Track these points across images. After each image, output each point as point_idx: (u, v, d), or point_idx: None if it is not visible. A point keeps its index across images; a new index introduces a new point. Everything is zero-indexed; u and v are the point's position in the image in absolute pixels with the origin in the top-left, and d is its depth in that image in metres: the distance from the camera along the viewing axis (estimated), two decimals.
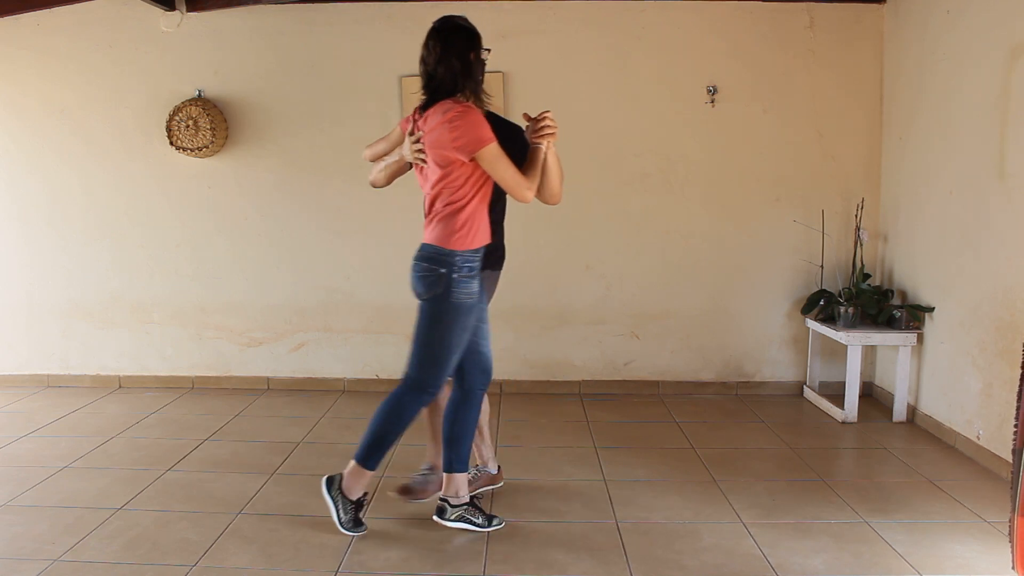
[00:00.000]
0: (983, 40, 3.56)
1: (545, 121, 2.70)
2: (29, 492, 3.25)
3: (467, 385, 2.86)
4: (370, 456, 2.78)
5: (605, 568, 2.62)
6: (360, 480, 2.80)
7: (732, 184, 4.64)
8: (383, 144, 2.90)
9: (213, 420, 4.26)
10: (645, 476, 3.44)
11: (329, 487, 2.80)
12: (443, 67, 2.62)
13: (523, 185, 2.64)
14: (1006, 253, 3.39)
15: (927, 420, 4.04)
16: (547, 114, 2.71)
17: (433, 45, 2.64)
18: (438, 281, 2.65)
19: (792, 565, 2.62)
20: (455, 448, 2.84)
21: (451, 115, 2.57)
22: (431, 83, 2.66)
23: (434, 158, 2.63)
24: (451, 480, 2.85)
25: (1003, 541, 2.74)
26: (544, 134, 2.70)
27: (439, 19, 2.70)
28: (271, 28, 4.68)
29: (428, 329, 2.73)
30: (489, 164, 2.59)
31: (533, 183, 2.68)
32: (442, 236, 2.65)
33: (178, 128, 4.59)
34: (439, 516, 2.84)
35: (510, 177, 2.62)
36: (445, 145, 2.58)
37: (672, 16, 4.55)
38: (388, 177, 2.90)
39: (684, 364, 4.79)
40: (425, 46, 2.66)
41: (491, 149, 2.57)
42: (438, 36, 2.64)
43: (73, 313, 4.95)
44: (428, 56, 2.65)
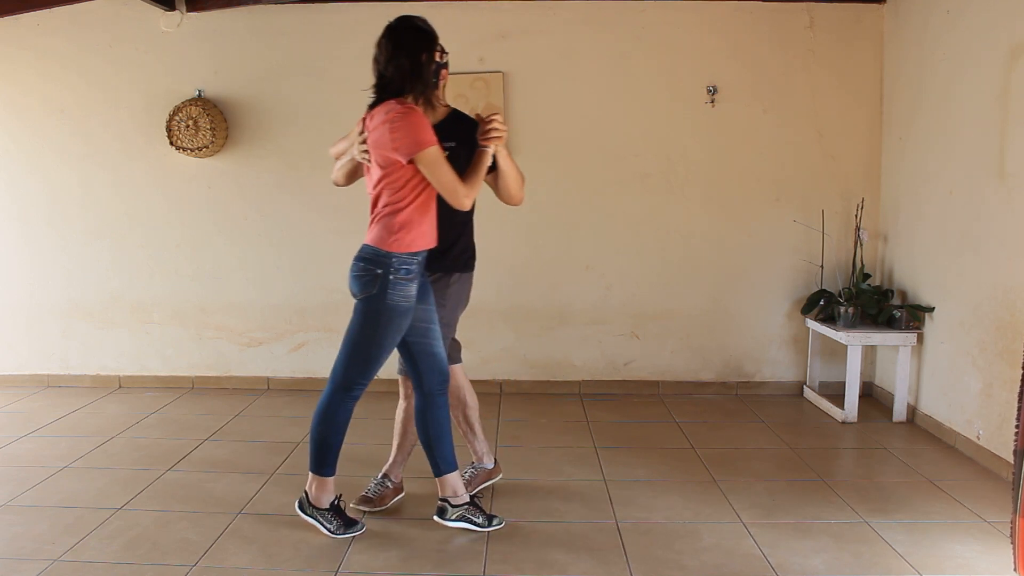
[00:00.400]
0: (983, 40, 3.56)
1: (493, 124, 2.67)
2: (29, 492, 3.25)
3: (426, 389, 2.82)
4: (321, 464, 2.79)
5: (605, 568, 2.62)
6: (324, 488, 2.81)
7: (732, 184, 4.64)
8: (344, 142, 2.85)
9: (213, 420, 4.26)
10: (645, 476, 3.44)
11: (303, 509, 2.82)
12: (393, 66, 2.60)
13: (460, 192, 2.59)
14: (1006, 253, 3.39)
15: (927, 420, 4.04)
16: (495, 116, 2.69)
17: (385, 44, 2.62)
18: (373, 282, 2.64)
19: (792, 565, 2.62)
20: (436, 451, 2.83)
21: (392, 116, 2.55)
22: (380, 82, 2.65)
23: (375, 158, 2.61)
24: (444, 482, 2.85)
25: (1003, 541, 2.74)
26: (491, 137, 2.67)
27: (396, 18, 2.67)
28: (271, 28, 4.68)
29: (360, 329, 2.71)
30: (427, 168, 2.57)
31: (472, 189, 2.63)
32: (380, 237, 2.64)
33: (178, 128, 4.59)
34: (440, 516, 2.84)
35: (447, 182, 2.59)
36: (385, 146, 2.56)
37: (672, 16, 4.55)
38: (346, 176, 2.88)
39: (684, 364, 4.79)
40: (378, 45, 2.64)
41: (430, 153, 2.54)
42: (391, 35, 2.63)
43: (73, 313, 4.95)
44: (379, 55, 2.63)
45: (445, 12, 4.55)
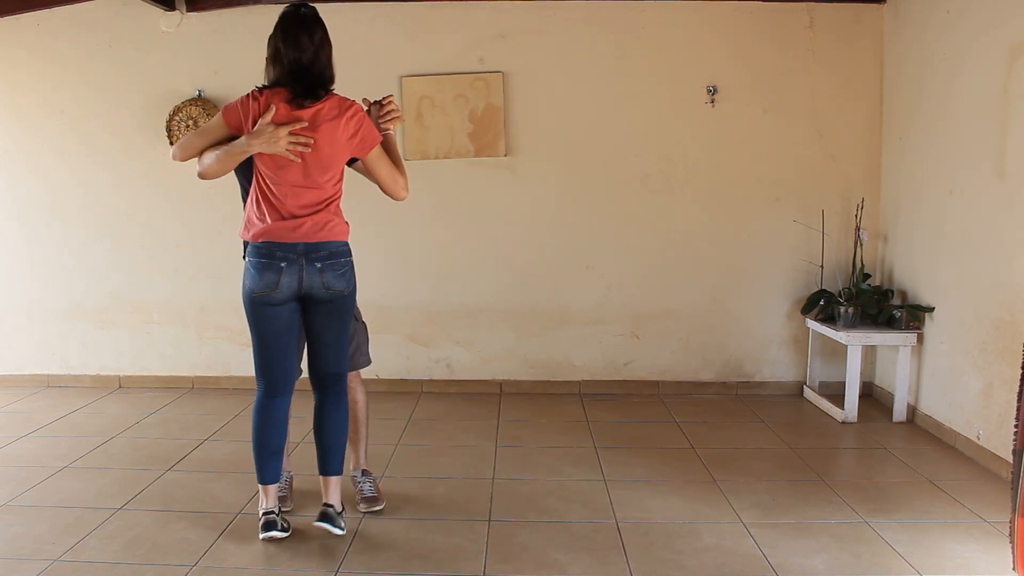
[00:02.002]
0: (983, 40, 3.56)
1: (391, 105, 2.71)
2: (29, 492, 3.25)
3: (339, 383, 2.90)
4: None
5: (605, 568, 2.62)
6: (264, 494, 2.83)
7: (732, 184, 4.64)
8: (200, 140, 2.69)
9: (213, 420, 4.26)
10: (645, 476, 3.44)
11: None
12: (322, 58, 2.56)
13: (400, 185, 2.70)
14: (1006, 253, 3.39)
15: (927, 420, 4.04)
16: (391, 97, 2.74)
17: (314, 32, 2.56)
18: (352, 272, 2.75)
19: (792, 565, 2.62)
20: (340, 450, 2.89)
21: (351, 112, 2.55)
22: (307, 75, 2.52)
23: (326, 155, 2.54)
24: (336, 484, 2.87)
25: (1003, 541, 2.74)
26: (393, 118, 2.71)
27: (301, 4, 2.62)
28: (271, 28, 4.64)
29: (349, 321, 2.82)
30: (377, 160, 2.63)
31: (406, 179, 2.72)
32: (342, 231, 2.69)
33: (178, 128, 4.59)
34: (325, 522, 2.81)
35: (388, 175, 2.66)
36: (341, 142, 2.54)
37: (672, 16, 4.55)
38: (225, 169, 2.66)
39: (684, 364, 4.78)
40: (304, 32, 2.54)
41: (380, 148, 2.63)
42: (317, 23, 2.58)
43: (73, 313, 4.95)
44: (308, 44, 2.53)
45: (445, 12, 4.57)
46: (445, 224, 4.75)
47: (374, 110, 2.71)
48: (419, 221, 4.68)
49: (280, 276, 2.61)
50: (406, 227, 4.71)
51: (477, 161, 4.66)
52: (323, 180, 2.59)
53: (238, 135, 2.57)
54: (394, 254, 4.78)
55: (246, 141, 2.53)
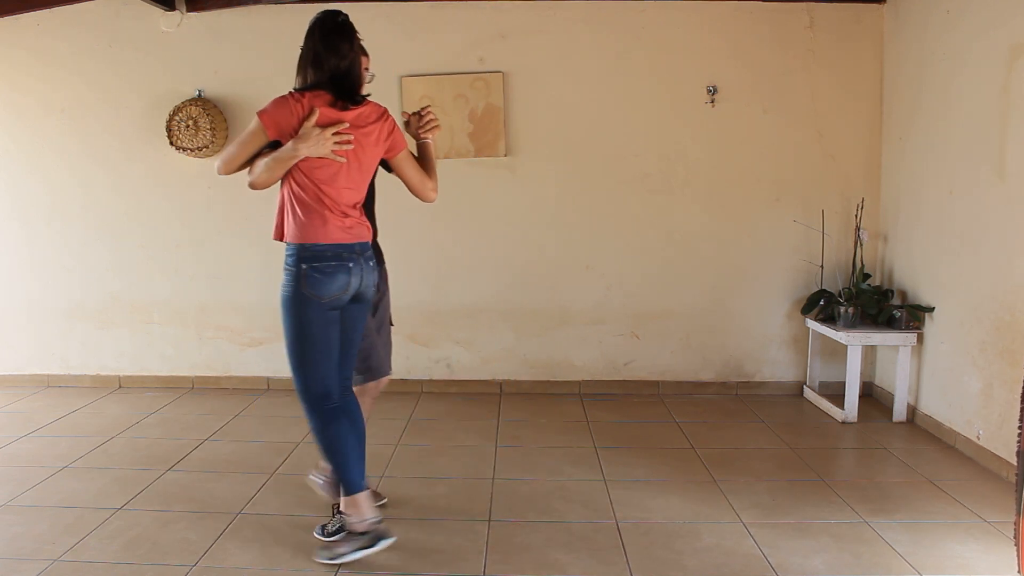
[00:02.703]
0: (983, 40, 3.56)
1: (430, 115, 2.78)
2: (29, 492, 3.25)
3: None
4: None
5: (605, 568, 2.62)
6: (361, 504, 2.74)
7: (732, 184, 4.64)
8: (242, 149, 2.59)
9: (213, 420, 4.26)
10: (645, 476, 3.44)
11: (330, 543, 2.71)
12: (359, 63, 2.63)
13: (429, 186, 2.74)
14: (1006, 253, 3.39)
15: (927, 420, 4.04)
16: (430, 108, 2.81)
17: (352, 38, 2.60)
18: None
19: (792, 565, 2.62)
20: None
21: (387, 115, 2.64)
22: (346, 80, 2.56)
23: (371, 155, 2.61)
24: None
25: (1003, 541, 2.75)
26: (432, 127, 2.78)
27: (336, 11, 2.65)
28: (271, 28, 4.68)
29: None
30: (405, 163, 2.69)
31: (435, 181, 2.76)
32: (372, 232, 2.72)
33: (178, 128, 4.59)
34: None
35: (416, 177, 2.71)
36: (380, 143, 2.61)
37: (672, 16, 4.55)
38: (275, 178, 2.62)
39: (684, 364, 4.78)
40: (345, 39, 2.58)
41: (406, 151, 2.69)
42: (355, 32, 2.64)
43: (73, 313, 4.96)
44: (349, 50, 2.57)
45: (445, 12, 4.57)
46: (445, 224, 4.75)
47: (413, 120, 2.79)
48: (419, 221, 4.67)
49: (350, 277, 2.61)
50: (406, 227, 4.71)
51: (477, 161, 4.66)
52: (362, 181, 2.64)
53: (279, 139, 2.54)
54: (394, 254, 4.72)
55: (293, 146, 2.49)
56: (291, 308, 2.60)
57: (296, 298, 2.58)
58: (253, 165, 2.60)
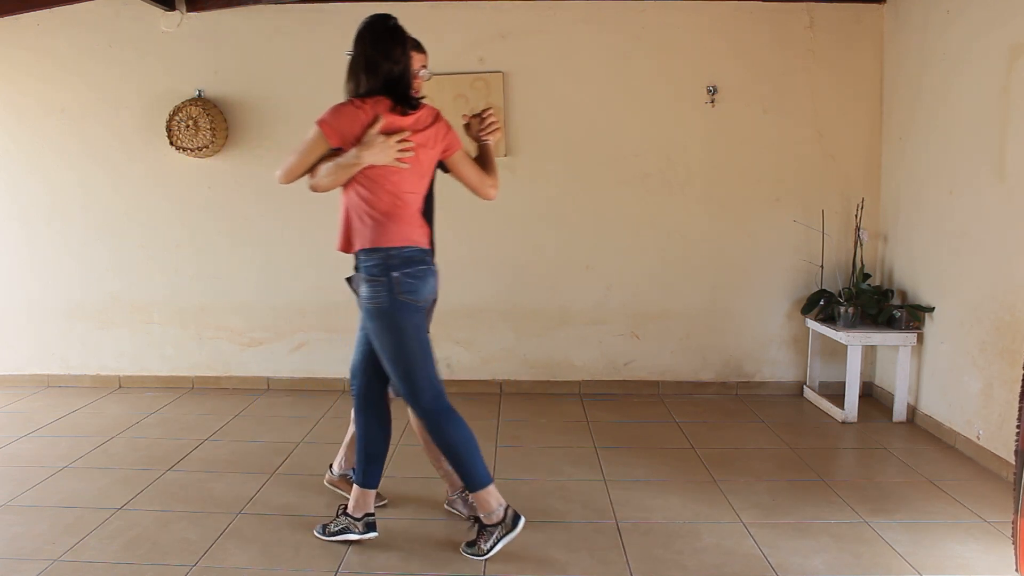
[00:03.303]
0: (983, 40, 3.56)
1: (492, 117, 2.77)
2: (29, 492, 3.26)
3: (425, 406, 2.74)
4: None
5: (605, 568, 2.62)
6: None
7: (732, 184, 4.64)
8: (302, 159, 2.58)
9: (213, 420, 4.26)
10: (645, 476, 3.44)
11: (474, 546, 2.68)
12: (408, 69, 2.60)
13: (487, 182, 2.73)
14: (1006, 253, 3.39)
15: (927, 420, 4.04)
16: (491, 110, 2.79)
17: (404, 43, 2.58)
18: None
19: (792, 565, 2.62)
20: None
21: (441, 117, 2.64)
22: (400, 84, 2.54)
23: (431, 158, 2.62)
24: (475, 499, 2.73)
25: (1003, 541, 2.75)
26: (493, 130, 2.76)
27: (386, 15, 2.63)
28: (271, 28, 4.68)
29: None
30: (461, 163, 2.68)
31: (495, 179, 2.75)
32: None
33: (178, 128, 4.59)
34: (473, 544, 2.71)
35: (476, 174, 2.71)
36: (436, 146, 2.61)
37: (672, 16, 4.55)
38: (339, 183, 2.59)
39: (684, 364, 4.78)
40: (398, 44, 2.56)
41: (462, 152, 2.68)
42: (405, 34, 2.61)
43: (73, 313, 4.95)
44: (401, 55, 2.55)
45: (445, 12, 4.57)
46: (445, 224, 4.67)
47: (474, 123, 2.78)
48: None
49: (436, 279, 2.69)
50: None
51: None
52: (422, 186, 2.62)
53: (342, 147, 2.53)
54: None
55: (357, 154, 2.48)
56: (390, 317, 2.55)
57: (394, 306, 2.54)
58: (316, 169, 2.59)
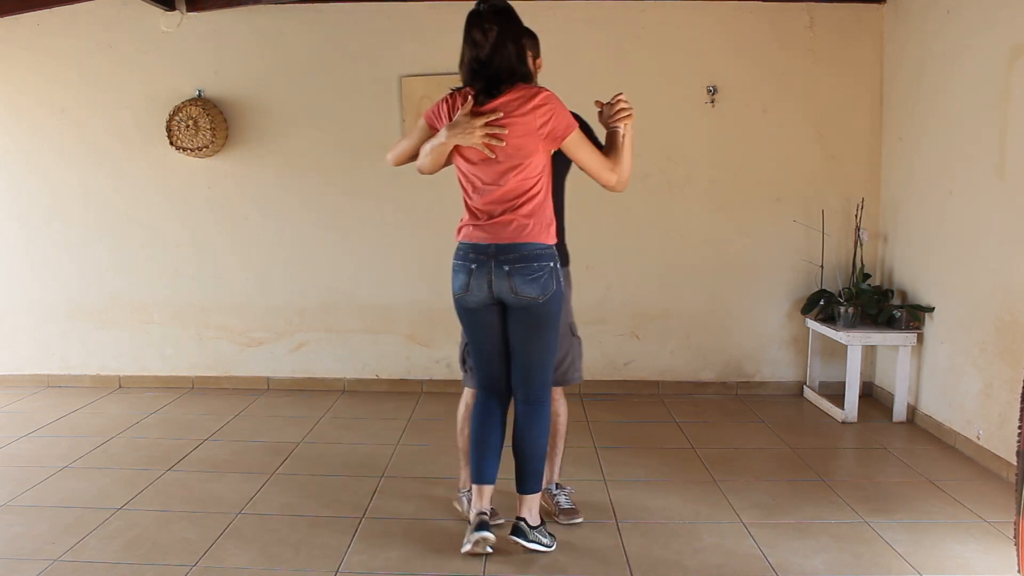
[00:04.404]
0: (983, 40, 3.56)
1: (621, 104, 2.58)
2: (29, 492, 3.25)
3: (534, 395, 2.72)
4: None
5: (605, 568, 2.62)
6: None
7: (732, 184, 4.64)
8: (407, 142, 2.70)
9: (213, 420, 4.26)
10: (645, 476, 3.44)
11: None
12: (500, 52, 2.47)
13: (607, 167, 2.54)
14: (1006, 253, 3.39)
15: (927, 420, 4.04)
16: (621, 96, 2.59)
17: (488, 28, 2.48)
18: (552, 276, 2.53)
19: (792, 565, 2.62)
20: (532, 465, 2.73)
21: (539, 100, 2.44)
22: (485, 69, 2.49)
23: (516, 146, 2.46)
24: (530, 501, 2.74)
25: (1003, 541, 2.74)
26: (621, 116, 2.57)
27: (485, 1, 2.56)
28: (271, 28, 4.68)
29: (552, 329, 2.60)
30: (576, 148, 2.50)
31: (618, 165, 2.55)
32: (539, 232, 2.51)
33: (178, 128, 4.59)
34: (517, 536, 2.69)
35: (596, 160, 2.53)
36: (531, 132, 2.45)
37: (672, 16, 4.55)
38: (435, 163, 2.62)
39: (684, 364, 4.78)
40: (478, 29, 2.50)
41: (578, 133, 2.50)
42: (494, 19, 2.50)
43: (73, 313, 4.95)
44: (484, 40, 2.48)
45: (445, 12, 4.56)
46: (446, 224, 4.72)
47: (606, 110, 2.63)
48: (419, 221, 4.67)
49: (470, 278, 2.55)
50: (406, 227, 4.71)
51: None
52: (511, 175, 2.49)
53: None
54: (394, 254, 4.78)
55: (444, 133, 2.51)
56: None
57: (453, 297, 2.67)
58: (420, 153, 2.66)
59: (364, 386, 4.88)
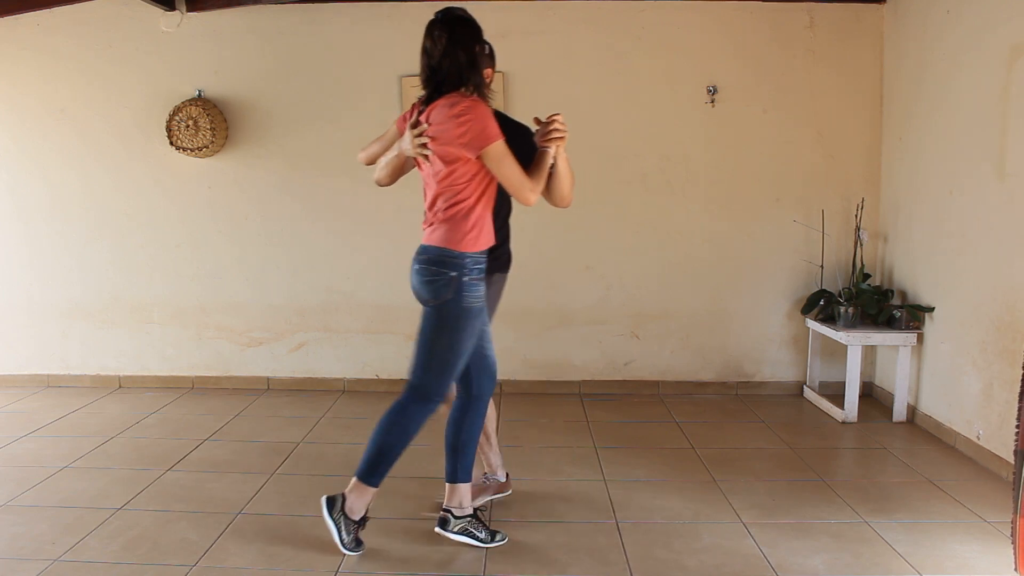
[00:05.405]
0: (983, 40, 3.56)
1: (555, 124, 2.59)
2: (29, 492, 3.25)
3: (475, 392, 2.77)
4: (374, 472, 2.65)
5: (605, 568, 2.62)
6: (364, 498, 2.68)
7: (732, 184, 4.64)
8: (377, 145, 2.81)
9: (213, 420, 4.26)
10: (645, 476, 3.44)
11: (331, 508, 2.68)
12: (449, 59, 2.50)
13: (527, 187, 2.51)
14: (1006, 253, 3.39)
15: (927, 420, 4.04)
16: (557, 117, 2.59)
17: (439, 36, 2.53)
18: (448, 285, 2.55)
19: (792, 565, 2.62)
20: (460, 457, 2.76)
21: (459, 109, 2.46)
22: (435, 76, 2.55)
23: (440, 154, 2.50)
24: (455, 491, 2.78)
25: (1003, 541, 2.74)
26: (552, 138, 2.57)
27: (441, 10, 2.61)
28: (271, 28, 4.68)
29: (436, 335, 2.63)
30: (495, 162, 2.48)
31: (538, 185, 2.55)
32: (450, 238, 2.54)
33: (178, 128, 4.59)
34: (442, 527, 2.76)
35: (515, 177, 2.50)
36: (451, 141, 2.47)
37: (672, 16, 4.55)
38: (391, 175, 2.77)
39: (684, 364, 4.78)
40: (429, 36, 2.55)
41: (498, 146, 2.47)
42: (444, 27, 2.54)
43: (73, 313, 4.95)
44: (433, 47, 2.53)
45: None
46: None
47: (540, 129, 2.63)
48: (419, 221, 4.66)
49: (415, 277, 2.68)
50: (405, 227, 4.70)
51: None
52: (438, 181, 2.55)
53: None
54: (394, 254, 4.77)
55: (396, 144, 2.67)
56: None
57: None
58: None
59: (364, 386, 4.88)
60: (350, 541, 2.69)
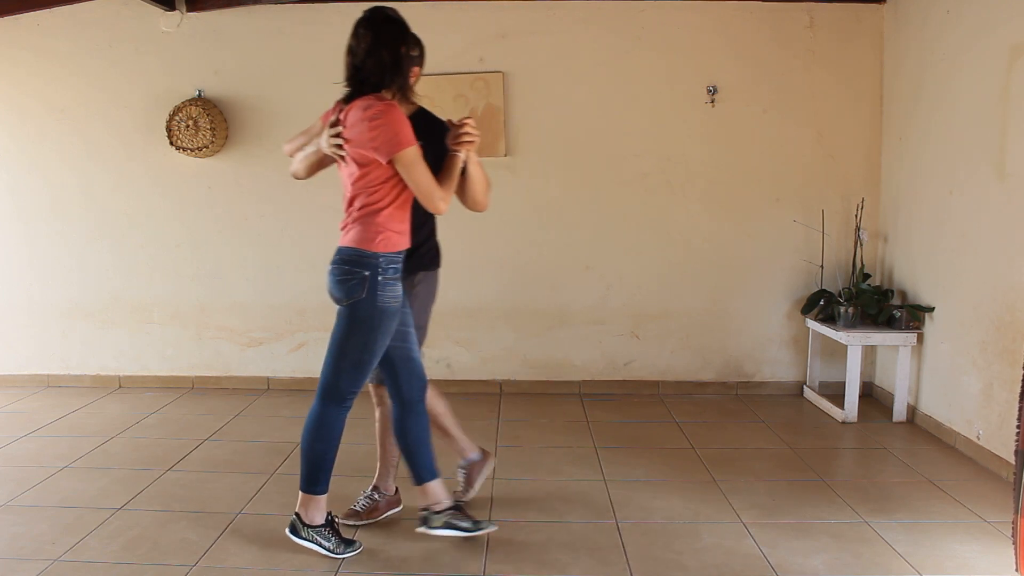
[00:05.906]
0: (983, 40, 3.56)
1: (465, 128, 2.57)
2: (29, 492, 3.25)
3: (406, 397, 2.72)
4: (315, 481, 2.65)
5: (605, 568, 2.62)
6: (318, 507, 2.67)
7: (732, 184, 4.65)
8: (302, 137, 2.75)
9: (213, 420, 4.26)
10: (645, 476, 3.44)
11: (296, 532, 2.68)
12: (372, 59, 2.49)
13: (437, 195, 2.49)
14: (1006, 253, 3.39)
15: (927, 420, 4.04)
16: (468, 121, 2.58)
17: (363, 35, 2.52)
18: (360, 285, 2.51)
19: (792, 565, 2.62)
20: (417, 460, 2.74)
21: (371, 112, 2.44)
22: (357, 75, 2.52)
23: (354, 156, 2.49)
24: (426, 491, 2.75)
25: (1003, 541, 2.74)
26: (462, 142, 2.56)
27: (370, 9, 2.59)
28: (271, 28, 4.68)
29: (348, 336, 2.57)
30: (404, 168, 2.46)
31: (447, 192, 2.54)
32: (363, 238, 2.52)
33: (178, 128, 4.59)
34: (425, 526, 2.75)
35: (424, 184, 2.47)
36: (364, 144, 2.46)
37: (672, 16, 4.56)
38: (308, 169, 2.71)
39: (684, 364, 4.78)
40: (355, 35, 2.53)
41: (409, 153, 2.44)
42: (369, 26, 2.53)
43: (73, 313, 4.95)
44: (357, 46, 2.52)
45: (445, 12, 4.57)
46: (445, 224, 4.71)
47: (452, 132, 2.60)
48: None
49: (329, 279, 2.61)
50: None
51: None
52: (353, 182, 2.54)
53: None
54: None
55: (315, 140, 2.64)
56: None
57: None
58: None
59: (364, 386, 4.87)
60: (336, 545, 2.68)
